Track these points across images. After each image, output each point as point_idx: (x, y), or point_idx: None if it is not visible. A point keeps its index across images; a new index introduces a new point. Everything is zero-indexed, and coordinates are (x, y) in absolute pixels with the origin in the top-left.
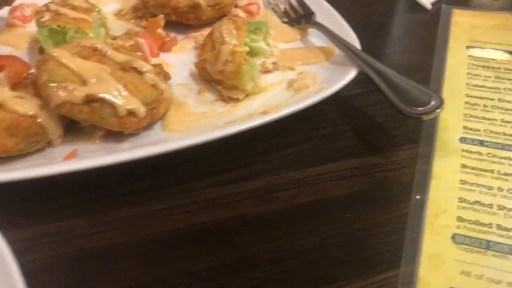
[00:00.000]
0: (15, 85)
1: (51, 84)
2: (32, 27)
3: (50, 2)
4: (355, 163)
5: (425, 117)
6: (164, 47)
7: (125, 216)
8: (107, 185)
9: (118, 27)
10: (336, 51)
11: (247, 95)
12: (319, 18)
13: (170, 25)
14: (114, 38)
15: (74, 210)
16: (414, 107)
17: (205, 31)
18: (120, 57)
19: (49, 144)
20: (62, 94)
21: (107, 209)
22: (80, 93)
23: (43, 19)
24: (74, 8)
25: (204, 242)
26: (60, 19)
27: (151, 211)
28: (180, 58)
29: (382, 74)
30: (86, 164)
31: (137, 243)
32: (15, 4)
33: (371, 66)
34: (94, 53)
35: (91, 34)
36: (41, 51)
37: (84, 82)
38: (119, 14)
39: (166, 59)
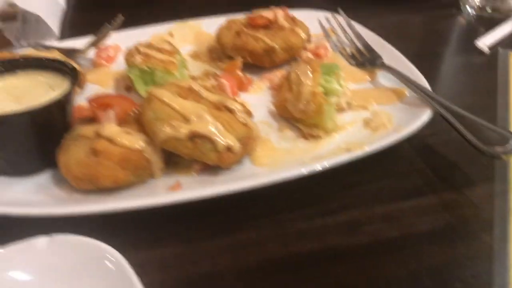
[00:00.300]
0: (120, 122)
1: (156, 122)
2: (114, 66)
3: (138, 45)
4: (435, 200)
5: (505, 157)
6: (242, 87)
7: (225, 244)
8: (205, 214)
9: (194, 67)
10: (407, 92)
11: (326, 133)
12: (385, 61)
13: (245, 66)
14: (193, 78)
15: (178, 238)
16: (491, 146)
17: (278, 73)
18: (214, 97)
19: (151, 176)
20: (168, 130)
21: (208, 237)
22: (184, 130)
23: (134, 60)
24: (159, 50)
25: (302, 270)
26: (149, 60)
27: (248, 240)
28: (256, 97)
29: (457, 114)
30: (196, 195)
31: (240, 270)
32: (101, 46)
33: (445, 107)
34: (190, 93)
35: (177, 75)
36: (128, 88)
37: (186, 120)
38: (194, 56)
39: (244, 98)
